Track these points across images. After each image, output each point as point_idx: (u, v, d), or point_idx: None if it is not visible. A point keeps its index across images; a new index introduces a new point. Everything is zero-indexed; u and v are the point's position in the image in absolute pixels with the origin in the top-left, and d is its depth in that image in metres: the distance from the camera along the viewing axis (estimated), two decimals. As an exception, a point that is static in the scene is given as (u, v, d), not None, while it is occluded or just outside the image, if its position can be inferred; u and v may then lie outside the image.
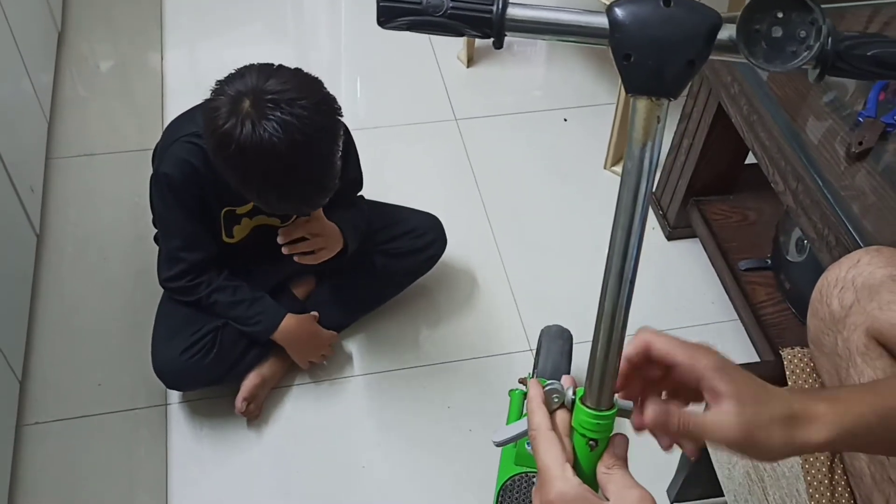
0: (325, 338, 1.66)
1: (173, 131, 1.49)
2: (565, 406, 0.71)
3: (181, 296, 1.55)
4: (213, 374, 1.56)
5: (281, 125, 1.26)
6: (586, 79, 2.36)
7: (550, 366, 1.48)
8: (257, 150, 1.27)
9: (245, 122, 1.27)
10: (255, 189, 1.35)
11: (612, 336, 0.67)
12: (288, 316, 1.58)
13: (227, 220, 1.54)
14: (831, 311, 1.03)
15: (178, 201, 1.47)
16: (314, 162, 1.33)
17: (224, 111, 1.28)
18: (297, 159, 1.29)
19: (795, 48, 0.57)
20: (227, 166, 1.33)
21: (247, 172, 1.32)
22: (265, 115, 1.26)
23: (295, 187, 1.34)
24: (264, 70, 1.32)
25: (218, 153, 1.32)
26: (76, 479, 1.53)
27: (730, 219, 1.84)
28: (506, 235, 1.95)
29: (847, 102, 1.41)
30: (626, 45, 0.59)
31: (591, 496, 0.65)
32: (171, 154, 1.45)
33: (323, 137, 1.32)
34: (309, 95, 1.30)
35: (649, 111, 0.60)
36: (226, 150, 1.29)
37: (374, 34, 2.45)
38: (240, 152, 1.28)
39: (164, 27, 2.40)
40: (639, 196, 0.62)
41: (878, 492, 0.98)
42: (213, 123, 1.30)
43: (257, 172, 1.31)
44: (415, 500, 1.54)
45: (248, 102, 1.27)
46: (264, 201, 1.39)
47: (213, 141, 1.31)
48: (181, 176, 1.44)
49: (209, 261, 1.54)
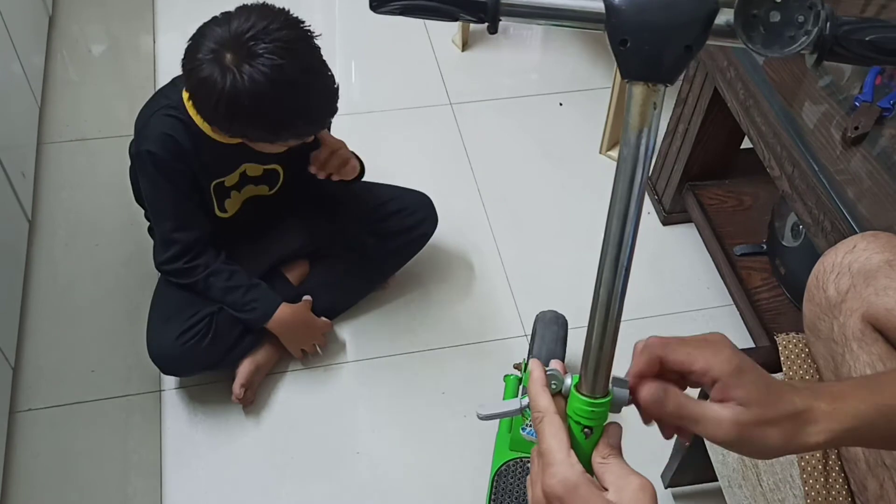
0: (319, 327, 1.66)
1: (146, 109, 1.49)
2: (562, 394, 0.71)
3: (178, 278, 1.54)
4: (209, 359, 1.56)
5: (272, 54, 1.27)
6: (582, 63, 2.34)
7: (545, 352, 1.48)
8: (271, 86, 1.27)
9: (242, 72, 1.27)
10: (287, 123, 1.35)
11: (607, 323, 0.66)
12: (283, 305, 1.57)
13: (217, 194, 1.54)
14: (827, 297, 1.03)
15: (166, 179, 1.46)
16: (315, 69, 1.35)
17: (217, 75, 1.27)
18: (304, 77, 1.31)
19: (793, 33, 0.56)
20: (250, 122, 1.33)
21: (271, 113, 1.32)
22: (253, 55, 1.27)
23: (314, 98, 1.35)
24: (219, 21, 1.32)
25: (235, 115, 1.32)
26: (70, 466, 1.53)
27: (725, 204, 1.84)
28: (500, 220, 1.95)
29: (843, 87, 1.41)
30: (622, 30, 0.58)
31: (593, 485, 0.65)
32: (151, 129, 1.44)
33: (307, 44, 1.34)
34: (273, 18, 1.31)
35: (645, 97, 0.59)
36: (242, 107, 1.29)
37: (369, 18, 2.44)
38: (256, 101, 1.28)
39: (157, 10, 2.39)
40: (634, 183, 0.61)
41: (872, 476, 0.98)
42: (213, 93, 1.29)
43: (280, 108, 1.31)
44: (409, 485, 1.54)
45: (229, 55, 1.27)
46: (294, 130, 1.39)
47: (224, 109, 1.30)
48: (165, 152, 1.43)
49: (204, 240, 1.53)
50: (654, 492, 0.64)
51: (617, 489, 0.65)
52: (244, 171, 1.54)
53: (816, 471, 1.07)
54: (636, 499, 0.63)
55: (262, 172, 1.57)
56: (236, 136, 1.41)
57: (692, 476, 1.46)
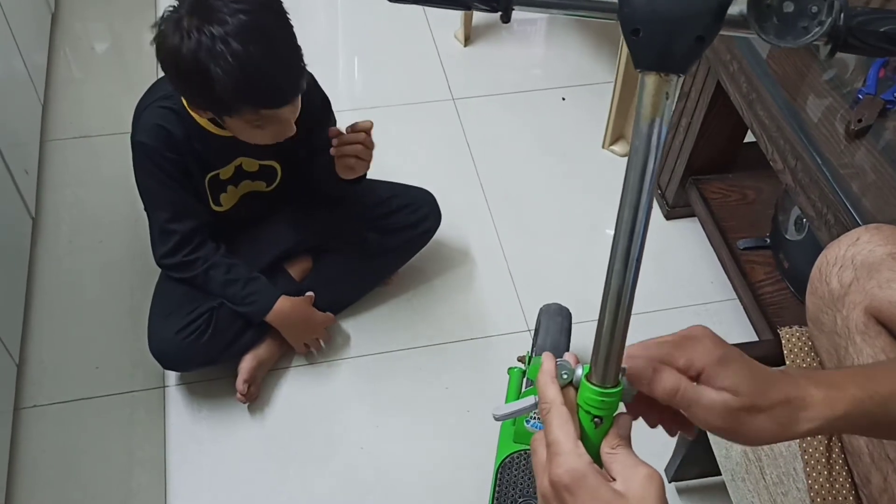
0: (320, 321, 1.66)
1: (142, 101, 1.50)
2: (573, 384, 0.71)
3: (178, 273, 1.54)
4: (209, 354, 1.56)
5: (232, 17, 1.25)
6: (584, 57, 2.34)
7: (550, 343, 1.48)
8: (241, 41, 1.25)
9: (203, 34, 1.24)
10: (242, 91, 1.30)
11: (618, 314, 0.66)
12: (282, 298, 1.57)
13: (212, 188, 1.54)
14: (830, 290, 1.03)
15: (157, 167, 1.46)
16: (274, 36, 1.31)
17: (186, 44, 1.25)
18: (271, 34, 1.29)
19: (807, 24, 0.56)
20: (203, 88, 1.29)
21: (242, 69, 1.27)
22: (211, 19, 1.24)
23: (270, 66, 1.30)
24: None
25: (190, 80, 1.30)
26: (74, 462, 1.53)
27: (728, 198, 1.84)
28: (503, 215, 1.95)
29: (847, 79, 1.41)
30: (635, 19, 0.57)
31: (600, 475, 0.65)
32: (143, 121, 1.45)
33: (270, 13, 1.31)
34: None
35: (658, 87, 0.59)
36: (193, 71, 1.27)
37: (371, 14, 2.46)
38: (203, 64, 1.25)
39: (159, 7, 2.38)
40: (646, 173, 0.61)
41: (875, 470, 0.98)
42: (169, 57, 1.28)
43: (255, 58, 1.27)
44: (413, 480, 1.54)
45: (192, 20, 1.25)
46: (249, 99, 1.33)
47: (198, 78, 1.28)
48: (156, 141, 1.43)
49: (202, 231, 1.53)
50: (662, 482, 0.64)
51: (624, 479, 0.65)
52: (240, 165, 1.54)
53: (820, 464, 1.07)
54: (644, 488, 0.63)
55: (258, 168, 1.57)
56: (199, 107, 1.39)
57: (696, 470, 1.46)
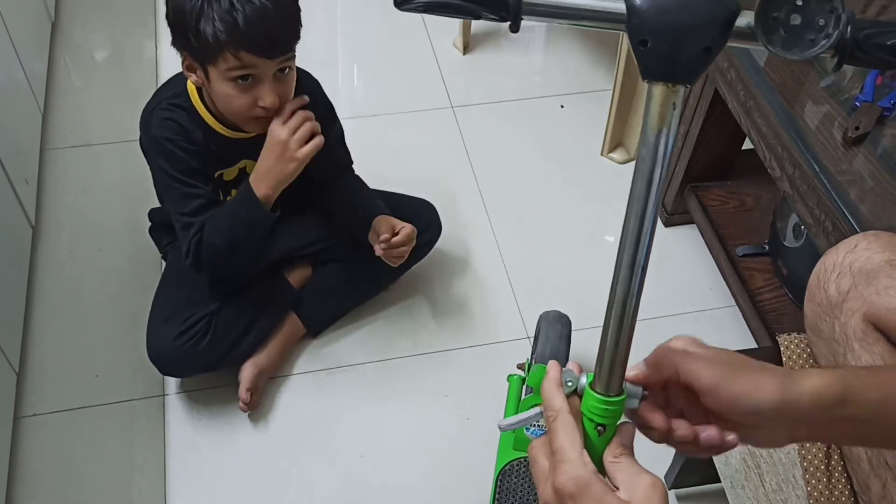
0: (294, 144, 1.44)
1: (150, 103, 1.49)
2: (577, 393, 0.71)
3: (209, 264, 1.47)
4: (207, 360, 1.55)
5: None
6: (583, 65, 2.35)
7: (549, 350, 1.48)
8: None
9: None
10: (245, 14, 1.30)
11: (622, 322, 0.67)
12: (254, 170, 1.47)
13: (217, 189, 1.53)
14: (828, 297, 1.04)
15: (176, 159, 1.43)
16: None
17: None
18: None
19: (814, 36, 0.56)
20: (215, 13, 1.29)
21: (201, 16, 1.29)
22: None
23: (279, 4, 1.35)
24: None
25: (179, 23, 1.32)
26: (74, 470, 1.53)
27: (727, 205, 1.84)
28: (502, 223, 1.95)
29: (844, 87, 1.41)
30: (643, 30, 0.58)
31: (604, 483, 0.65)
32: (155, 118, 1.44)
33: None
34: None
35: (665, 97, 0.60)
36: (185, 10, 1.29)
37: (370, 22, 2.46)
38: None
39: (159, 16, 2.39)
40: (653, 183, 0.62)
41: (874, 476, 0.99)
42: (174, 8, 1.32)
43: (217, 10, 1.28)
44: (413, 488, 1.54)
45: None
46: (249, 35, 1.31)
47: (193, 15, 1.29)
48: (172, 133, 1.43)
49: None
50: (665, 490, 0.65)
51: (628, 487, 0.65)
52: (244, 168, 1.54)
53: (819, 471, 1.07)
54: (647, 497, 0.64)
55: None
56: (183, 47, 1.37)
57: (696, 477, 1.47)
